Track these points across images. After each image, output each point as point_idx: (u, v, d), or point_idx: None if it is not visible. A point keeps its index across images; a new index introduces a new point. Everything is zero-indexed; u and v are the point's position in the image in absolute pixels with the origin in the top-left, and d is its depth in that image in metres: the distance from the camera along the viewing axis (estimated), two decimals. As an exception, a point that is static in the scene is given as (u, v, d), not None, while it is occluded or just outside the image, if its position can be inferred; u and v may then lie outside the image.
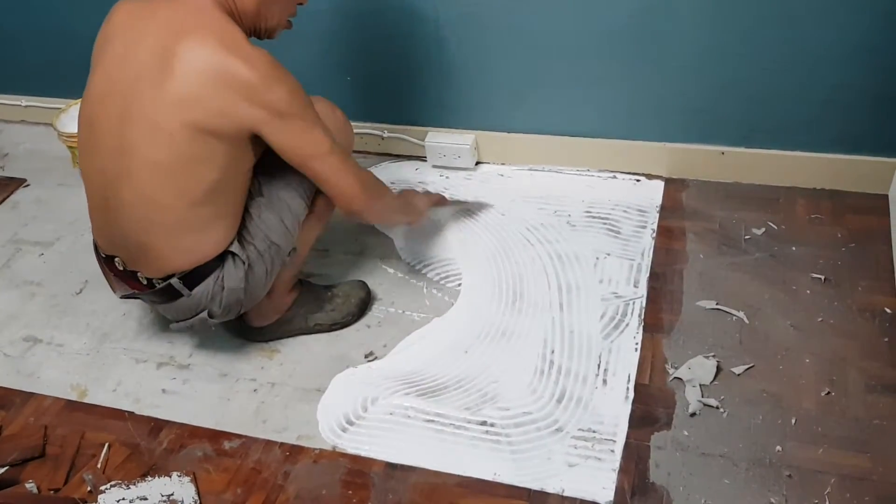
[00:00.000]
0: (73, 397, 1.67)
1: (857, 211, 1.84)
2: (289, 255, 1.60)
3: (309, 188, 1.57)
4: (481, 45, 1.96)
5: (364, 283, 1.79)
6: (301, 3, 1.54)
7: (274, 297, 1.66)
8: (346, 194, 1.50)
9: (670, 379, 1.53)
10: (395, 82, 2.12)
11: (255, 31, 1.50)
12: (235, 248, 1.49)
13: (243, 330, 1.73)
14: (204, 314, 1.53)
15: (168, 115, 1.34)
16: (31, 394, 1.69)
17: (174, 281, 1.47)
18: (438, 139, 2.14)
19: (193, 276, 1.48)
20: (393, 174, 2.18)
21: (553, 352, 1.62)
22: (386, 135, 2.21)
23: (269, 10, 1.45)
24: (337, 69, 2.13)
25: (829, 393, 1.47)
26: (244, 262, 1.50)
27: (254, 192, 1.53)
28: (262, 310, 1.67)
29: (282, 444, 1.52)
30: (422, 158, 2.21)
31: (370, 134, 2.22)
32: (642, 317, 1.66)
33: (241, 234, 1.52)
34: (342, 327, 1.74)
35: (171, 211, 1.41)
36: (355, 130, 2.20)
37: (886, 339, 1.54)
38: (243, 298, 1.54)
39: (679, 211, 1.92)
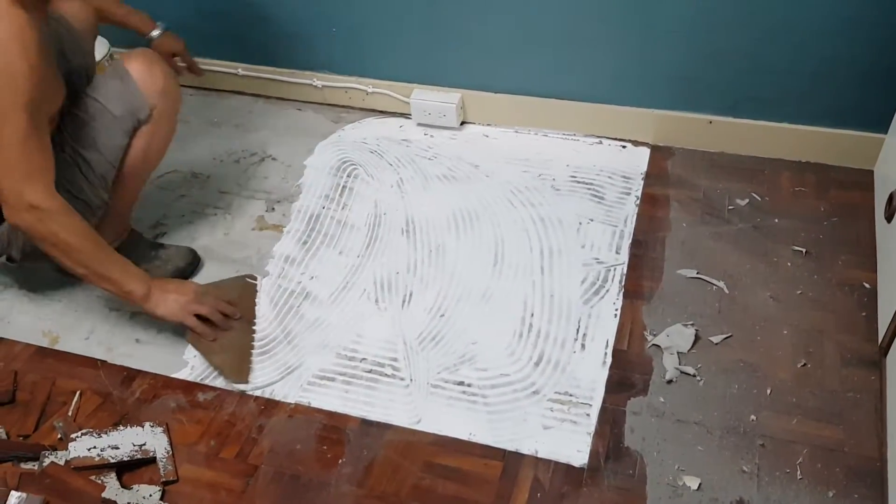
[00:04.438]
0: (45, 344, 1.64)
1: (841, 185, 1.84)
2: None
3: (92, 184, 1.56)
4: (471, 2, 1.92)
5: (192, 252, 1.77)
6: None
7: None
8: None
9: (648, 346, 1.53)
10: (381, 36, 2.07)
11: None
12: None
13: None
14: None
15: None
16: (1, 339, 1.66)
17: None
18: (424, 97, 2.10)
19: None
20: (376, 131, 2.15)
21: (532, 315, 1.61)
22: (371, 90, 2.17)
23: None
24: (323, 20, 2.08)
25: (805, 365, 1.48)
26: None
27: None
28: None
29: (256, 398, 1.51)
30: (407, 116, 2.17)
31: (355, 88, 2.18)
32: (623, 283, 1.66)
33: None
34: None
35: None
36: (340, 85, 2.18)
37: (864, 314, 1.55)
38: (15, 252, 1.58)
39: (664, 179, 1.91)
